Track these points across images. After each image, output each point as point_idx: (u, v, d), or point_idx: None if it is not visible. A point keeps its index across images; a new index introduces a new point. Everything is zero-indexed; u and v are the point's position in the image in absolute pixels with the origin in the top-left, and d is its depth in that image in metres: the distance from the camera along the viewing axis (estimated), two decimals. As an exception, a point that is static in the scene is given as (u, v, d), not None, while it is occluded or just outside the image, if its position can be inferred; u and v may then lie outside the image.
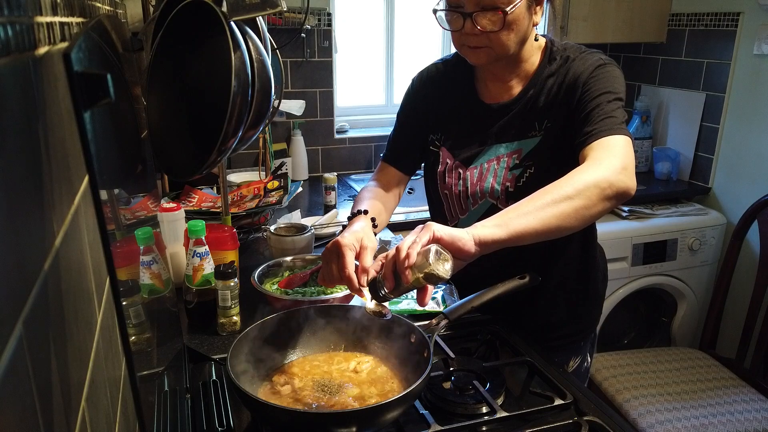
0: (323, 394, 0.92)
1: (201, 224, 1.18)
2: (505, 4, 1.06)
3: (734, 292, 2.23)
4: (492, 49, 1.11)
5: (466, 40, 1.12)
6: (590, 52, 1.16)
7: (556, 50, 1.18)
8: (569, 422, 0.90)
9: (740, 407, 1.85)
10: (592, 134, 1.04)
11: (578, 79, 1.11)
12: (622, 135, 1.02)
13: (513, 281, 1.08)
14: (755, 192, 2.26)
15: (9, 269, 0.32)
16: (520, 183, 1.17)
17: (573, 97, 1.12)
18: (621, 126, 1.04)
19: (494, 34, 1.08)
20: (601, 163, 0.97)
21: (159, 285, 1.04)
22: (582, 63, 1.13)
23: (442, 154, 1.28)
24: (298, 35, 2.38)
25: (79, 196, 0.51)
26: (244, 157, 2.42)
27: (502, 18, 1.06)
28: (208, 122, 0.99)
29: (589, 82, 1.10)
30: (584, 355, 1.37)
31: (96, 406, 0.48)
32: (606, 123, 1.04)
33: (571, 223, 0.93)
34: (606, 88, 1.09)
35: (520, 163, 1.18)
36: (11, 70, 0.35)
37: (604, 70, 1.11)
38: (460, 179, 1.25)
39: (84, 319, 0.47)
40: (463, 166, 1.24)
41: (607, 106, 1.06)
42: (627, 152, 1.00)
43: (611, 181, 0.94)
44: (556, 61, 1.17)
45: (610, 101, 1.07)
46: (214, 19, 0.96)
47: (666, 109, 2.70)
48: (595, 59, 1.13)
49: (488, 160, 1.21)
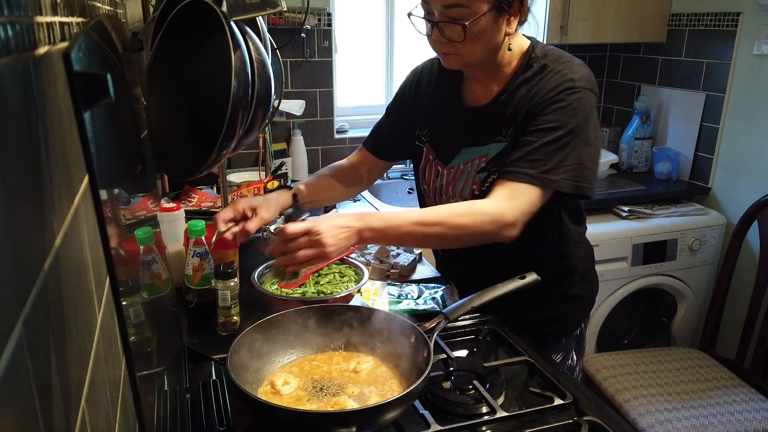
0: (323, 394, 0.92)
1: (201, 224, 1.18)
2: (465, 17, 1.07)
3: (734, 292, 2.23)
4: (460, 56, 1.14)
5: (435, 46, 1.16)
6: (569, 65, 1.14)
7: (534, 57, 1.17)
8: (569, 422, 0.90)
9: (740, 407, 1.85)
10: (509, 171, 1.11)
11: (540, 98, 1.12)
12: (534, 186, 1.08)
13: (513, 281, 1.09)
14: (755, 192, 2.26)
15: (9, 269, 0.32)
16: (484, 187, 1.19)
17: (529, 115, 1.13)
18: (543, 174, 1.08)
19: (460, 44, 1.10)
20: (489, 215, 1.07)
21: (159, 285, 1.04)
22: (552, 80, 1.12)
23: (426, 150, 1.32)
24: (298, 35, 2.38)
25: (79, 196, 0.51)
26: (244, 157, 2.42)
27: (463, 31, 1.08)
28: (208, 122, 0.99)
29: (547, 108, 1.11)
30: (568, 353, 1.37)
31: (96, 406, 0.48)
32: (530, 165, 1.09)
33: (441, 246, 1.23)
34: (557, 121, 1.09)
35: (485, 167, 1.20)
36: (11, 70, 0.35)
37: (568, 97, 1.10)
38: (438, 176, 1.29)
39: (84, 319, 0.47)
40: (442, 164, 1.28)
41: (544, 147, 1.09)
42: (527, 206, 1.09)
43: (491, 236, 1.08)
44: (532, 68, 1.16)
45: (552, 140, 1.09)
46: (214, 19, 0.96)
47: (666, 109, 2.70)
48: (566, 80, 1.11)
49: (464, 161, 1.24)
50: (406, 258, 1.47)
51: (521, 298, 1.11)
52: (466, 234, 1.08)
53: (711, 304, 2.22)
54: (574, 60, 1.17)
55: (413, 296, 1.28)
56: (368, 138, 1.43)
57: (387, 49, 2.76)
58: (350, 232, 1.04)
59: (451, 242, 1.14)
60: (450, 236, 1.09)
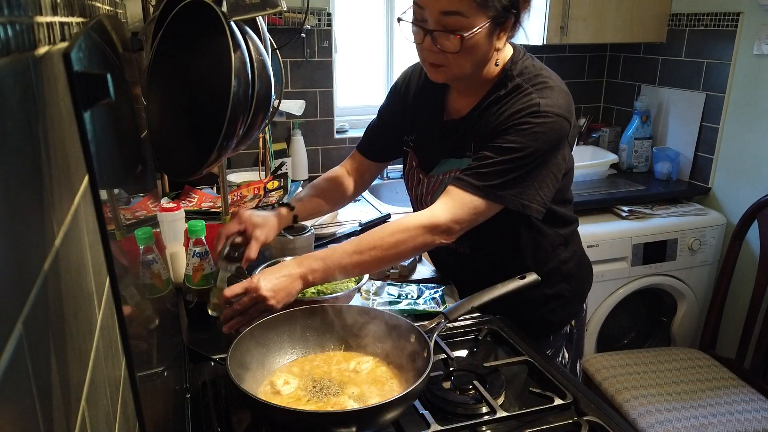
0: (323, 394, 0.92)
1: (201, 224, 1.18)
2: (465, 29, 1.04)
3: (734, 292, 2.23)
4: (449, 69, 1.11)
5: (426, 55, 1.12)
6: (541, 88, 1.12)
7: (509, 75, 1.16)
8: (569, 422, 0.90)
9: (740, 407, 1.85)
10: (459, 178, 1.11)
11: (505, 119, 1.11)
12: (476, 197, 1.09)
13: (513, 281, 1.09)
14: (755, 192, 2.26)
15: (9, 269, 0.32)
16: None
17: (492, 134, 1.12)
18: (489, 188, 1.09)
19: (452, 55, 1.08)
20: (433, 218, 1.09)
21: (159, 285, 1.04)
22: (520, 102, 1.11)
23: (410, 156, 1.34)
24: (298, 35, 2.38)
25: (79, 196, 0.51)
26: (244, 157, 2.42)
27: (460, 42, 1.05)
28: (208, 122, 0.99)
29: (509, 129, 1.10)
30: (557, 349, 1.38)
31: (96, 406, 0.48)
32: (478, 177, 1.10)
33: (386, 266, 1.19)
34: (516, 143, 1.09)
35: None
36: (11, 70, 0.35)
37: (533, 120, 1.09)
38: (420, 184, 1.31)
39: (84, 319, 0.47)
40: (423, 172, 1.30)
41: (498, 166, 1.09)
42: (464, 215, 1.10)
43: (430, 242, 1.10)
44: (506, 87, 1.15)
45: (508, 160, 1.08)
46: (214, 19, 0.96)
47: (666, 109, 2.70)
48: (533, 104, 1.10)
49: (443, 172, 1.25)
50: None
51: (505, 298, 1.11)
52: (404, 249, 1.09)
53: (711, 304, 2.22)
54: (549, 82, 1.13)
55: (413, 296, 1.28)
56: (361, 142, 1.43)
57: (387, 49, 2.76)
58: (290, 279, 1.04)
59: (392, 260, 1.13)
60: (389, 255, 1.09)
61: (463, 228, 1.11)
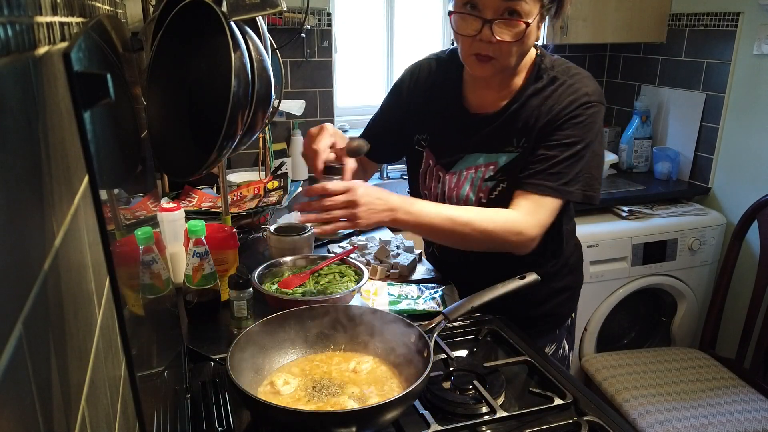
0: (323, 394, 0.92)
1: (201, 224, 1.18)
2: (527, 15, 1.04)
3: (734, 292, 2.23)
4: (498, 61, 1.10)
5: (478, 47, 1.08)
6: (579, 77, 1.15)
7: (544, 68, 1.17)
8: (569, 422, 0.90)
9: (740, 407, 1.85)
10: (533, 184, 1.13)
11: (558, 113, 1.12)
12: (555, 198, 1.12)
13: (513, 281, 1.09)
14: (755, 192, 2.26)
15: (9, 269, 0.32)
16: (493, 195, 1.19)
17: (547, 129, 1.13)
18: (564, 186, 1.11)
19: (505, 46, 1.06)
20: (516, 226, 1.10)
21: (159, 285, 1.04)
22: (568, 94, 1.13)
23: (426, 155, 1.30)
24: (298, 35, 2.38)
25: (79, 196, 0.51)
26: (244, 157, 2.42)
27: (524, 30, 1.05)
28: (208, 122, 0.99)
29: (566, 123, 1.12)
30: (560, 342, 1.39)
31: (96, 406, 0.48)
32: (552, 178, 1.11)
33: (461, 247, 1.16)
34: (575, 136, 1.11)
35: (494, 175, 1.19)
36: (11, 70, 0.35)
37: (586, 111, 1.12)
38: (440, 182, 1.27)
39: (84, 319, 0.47)
40: (444, 170, 1.26)
41: (566, 161, 1.11)
42: (547, 218, 1.13)
43: (511, 247, 1.12)
44: (542, 79, 1.16)
45: (571, 155, 1.11)
46: (214, 19, 0.96)
47: (666, 109, 2.70)
48: (581, 94, 1.12)
49: (467, 167, 1.23)
50: (406, 258, 1.47)
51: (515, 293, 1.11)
52: (489, 240, 1.10)
53: (711, 304, 2.22)
54: (581, 71, 1.17)
55: (413, 296, 1.28)
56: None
57: (387, 49, 2.76)
58: (386, 206, 1.03)
59: (472, 244, 1.14)
60: (473, 238, 1.10)
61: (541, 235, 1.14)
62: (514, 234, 1.10)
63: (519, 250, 1.13)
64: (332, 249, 1.62)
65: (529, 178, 1.14)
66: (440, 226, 1.08)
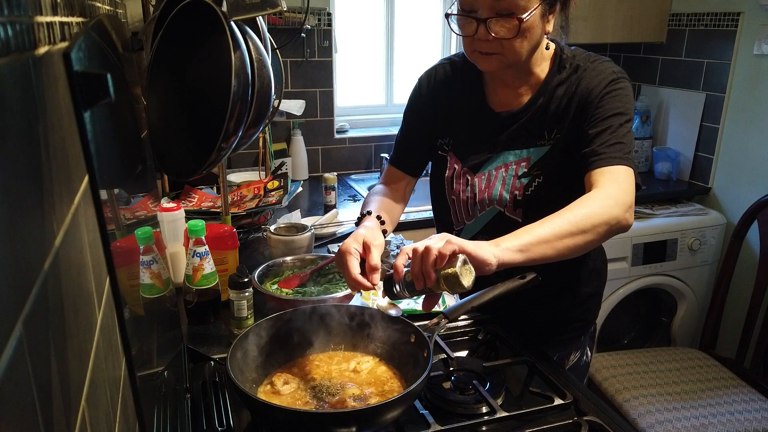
0: (323, 393, 0.92)
1: (201, 224, 1.18)
2: (521, 11, 1.04)
3: (734, 292, 2.23)
4: (504, 56, 1.09)
5: (478, 45, 1.09)
6: (601, 61, 1.15)
7: (565, 58, 1.16)
8: (569, 422, 0.90)
9: (740, 407, 1.85)
10: (601, 158, 1.06)
11: (591, 93, 1.11)
12: (628, 167, 1.06)
13: (513, 281, 1.08)
14: (755, 192, 2.26)
15: (9, 269, 0.32)
16: (529, 192, 1.17)
17: (585, 111, 1.11)
18: (629, 155, 1.07)
19: (507, 41, 1.06)
20: (611, 198, 1.01)
21: (159, 285, 1.04)
22: (595, 75, 1.12)
23: (450, 160, 1.26)
24: (298, 35, 2.38)
25: (79, 196, 0.51)
26: (244, 157, 2.42)
27: (518, 25, 1.04)
28: (208, 122, 0.99)
29: (604, 99, 1.10)
30: (583, 349, 1.37)
31: (96, 406, 0.47)
32: (616, 149, 1.06)
33: (579, 253, 1.00)
34: (618, 108, 1.09)
35: (528, 171, 1.17)
36: (11, 70, 0.35)
37: (617, 86, 1.11)
38: (468, 185, 1.24)
39: (84, 319, 0.47)
40: (471, 173, 1.23)
41: (619, 130, 1.07)
42: (632, 188, 1.05)
43: (620, 219, 1.00)
44: (565, 69, 1.15)
45: (622, 124, 1.08)
46: (214, 19, 0.96)
47: (666, 109, 2.70)
48: (609, 72, 1.12)
49: (496, 167, 1.20)
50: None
51: (545, 301, 1.08)
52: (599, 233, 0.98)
53: (711, 304, 2.22)
54: (602, 57, 1.17)
55: (415, 297, 1.28)
56: (394, 157, 1.34)
57: (387, 49, 2.76)
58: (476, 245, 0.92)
59: (584, 247, 1.00)
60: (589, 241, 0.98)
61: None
62: (615, 205, 0.99)
63: (624, 223, 1.01)
64: (332, 249, 1.62)
65: (592, 156, 1.07)
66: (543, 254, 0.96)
